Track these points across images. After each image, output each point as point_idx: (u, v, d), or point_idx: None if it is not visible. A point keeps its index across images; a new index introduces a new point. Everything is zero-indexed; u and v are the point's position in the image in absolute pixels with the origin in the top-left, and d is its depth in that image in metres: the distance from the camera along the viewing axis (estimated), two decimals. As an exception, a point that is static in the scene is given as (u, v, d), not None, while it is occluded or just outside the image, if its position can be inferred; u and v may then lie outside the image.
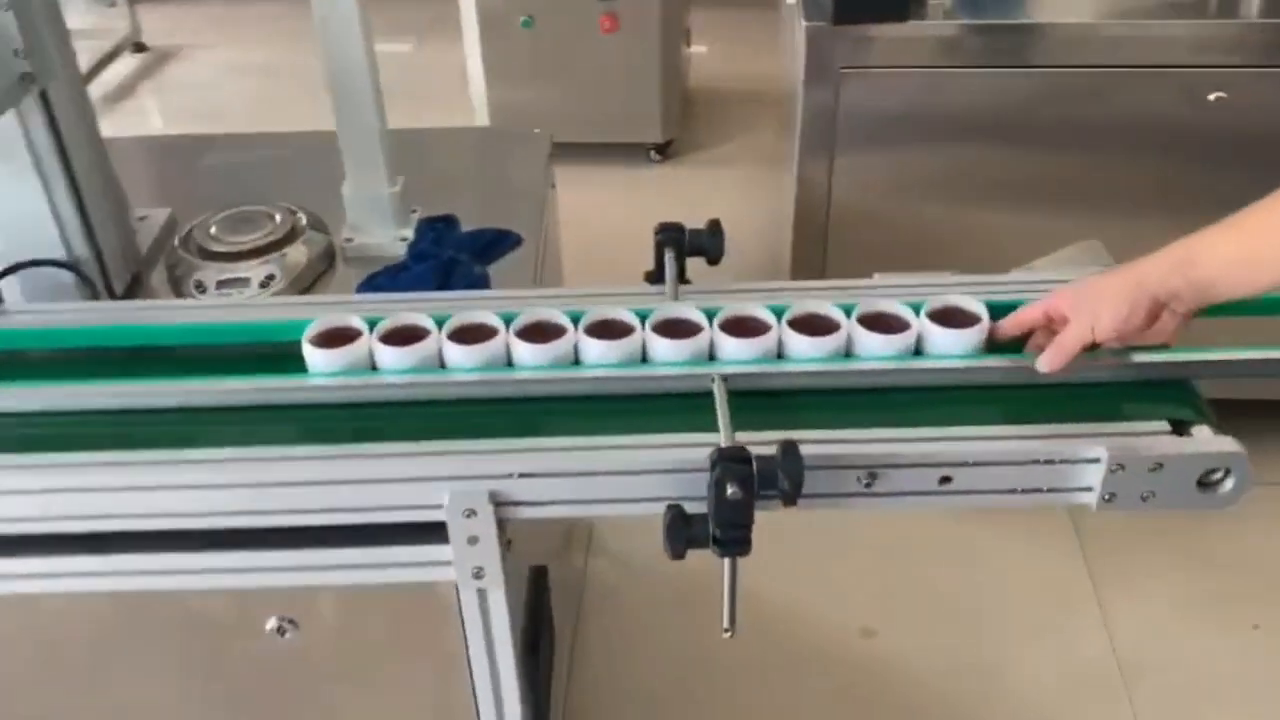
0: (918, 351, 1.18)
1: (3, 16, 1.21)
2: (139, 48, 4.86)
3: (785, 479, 1.01)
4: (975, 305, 1.18)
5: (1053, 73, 2.05)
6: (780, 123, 3.38)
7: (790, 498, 1.02)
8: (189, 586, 1.16)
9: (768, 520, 1.03)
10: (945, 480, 1.09)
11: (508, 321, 1.19)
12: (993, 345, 1.17)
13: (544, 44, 3.44)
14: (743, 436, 1.06)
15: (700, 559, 1.07)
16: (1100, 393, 1.14)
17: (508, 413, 1.15)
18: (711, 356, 1.19)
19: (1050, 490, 1.10)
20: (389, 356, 1.17)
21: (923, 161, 2.14)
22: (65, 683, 1.26)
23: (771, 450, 1.02)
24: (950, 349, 1.16)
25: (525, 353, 1.17)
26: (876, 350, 1.16)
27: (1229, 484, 1.08)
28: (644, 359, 1.18)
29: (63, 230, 1.38)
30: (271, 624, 1.20)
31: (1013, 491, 1.10)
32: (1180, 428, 1.10)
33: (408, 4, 4.64)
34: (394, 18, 4.59)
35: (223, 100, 4.43)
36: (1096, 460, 1.07)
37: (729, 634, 1.15)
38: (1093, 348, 1.11)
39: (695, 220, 1.33)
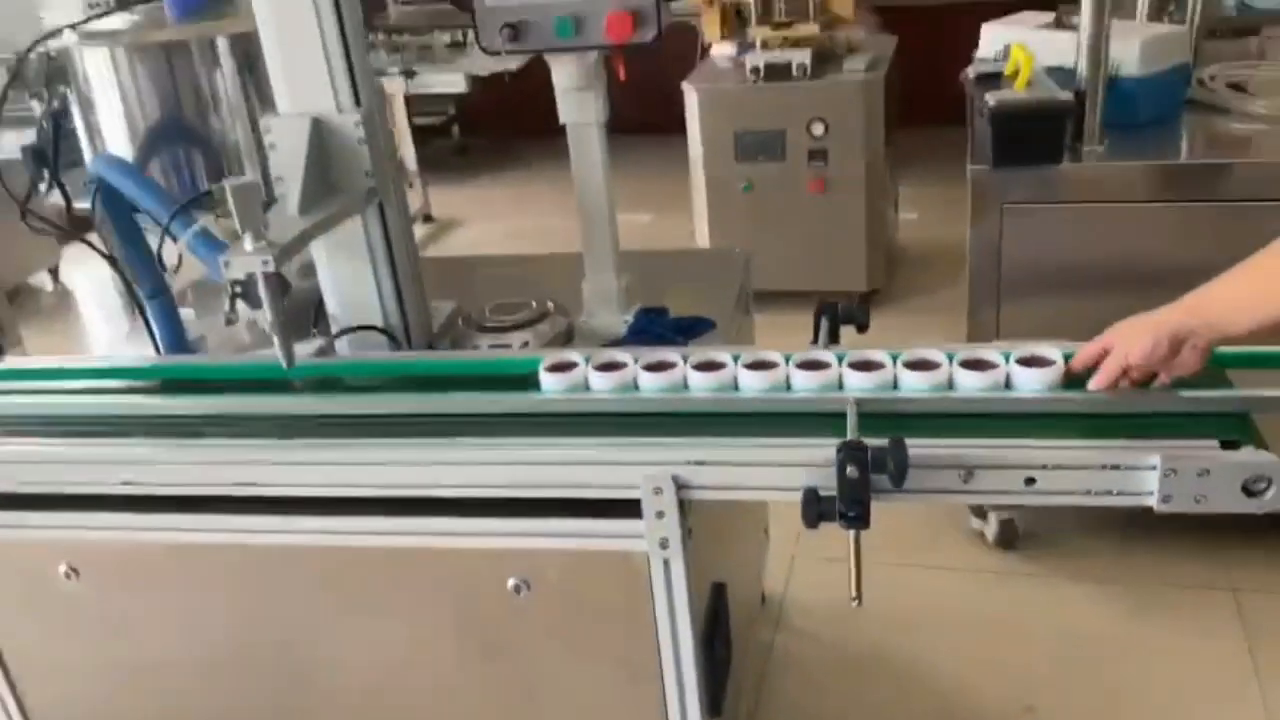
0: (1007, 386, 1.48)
1: (359, 149, 1.76)
2: (427, 219, 5.73)
3: (892, 462, 1.33)
4: (1054, 352, 1.48)
5: (1199, 206, 2.31)
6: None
7: (897, 479, 1.34)
8: (455, 546, 1.58)
9: (947, 602, 1.29)
10: (1030, 481, 1.38)
11: (686, 359, 1.59)
12: (1069, 382, 1.46)
13: (761, 205, 3.93)
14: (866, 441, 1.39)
15: (881, 646, 1.36)
16: (1160, 420, 1.41)
17: (687, 423, 1.53)
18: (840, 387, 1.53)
19: (1118, 493, 1.37)
20: (597, 380, 1.58)
21: (1083, 298, 2.40)
22: (350, 623, 1.69)
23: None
24: (1030, 384, 1.46)
25: (697, 379, 1.56)
26: (972, 383, 1.47)
27: (1271, 492, 1.32)
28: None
29: (383, 305, 1.89)
30: (512, 583, 1.59)
31: (1087, 493, 1.38)
32: (1230, 445, 1.35)
33: (650, 182, 5.27)
34: (637, 193, 5.24)
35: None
36: (1153, 467, 1.34)
37: (856, 603, 1.46)
38: (1149, 383, 1.39)
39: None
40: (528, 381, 1.63)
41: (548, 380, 1.61)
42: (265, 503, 1.61)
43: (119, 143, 2.07)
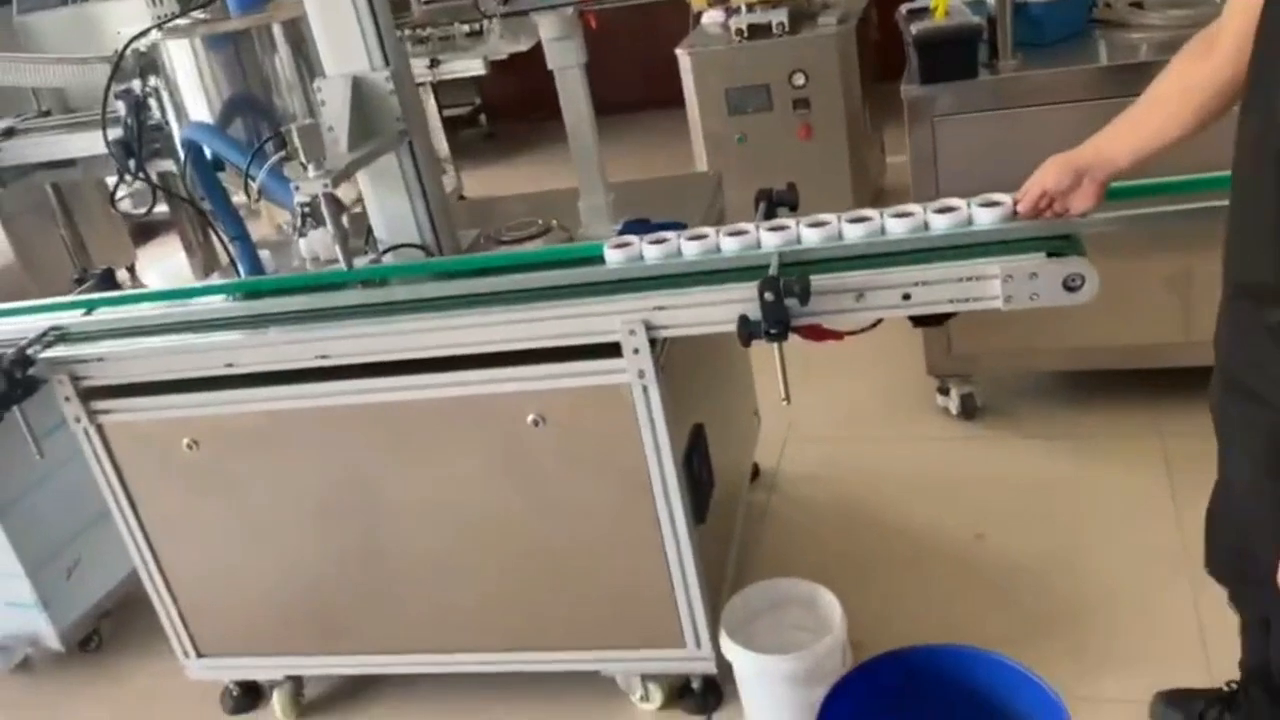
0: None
1: (390, 99, 2.24)
2: (461, 198, 6.23)
3: (797, 286, 1.78)
4: (916, 208, 1.92)
5: (1103, 104, 2.72)
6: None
7: (803, 299, 1.79)
8: (484, 392, 2.06)
9: (917, 465, 1.68)
10: (906, 296, 1.83)
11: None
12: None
13: (755, 154, 4.37)
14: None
15: (856, 504, 1.81)
16: (1002, 244, 1.84)
17: (648, 284, 1.98)
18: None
19: (973, 300, 1.81)
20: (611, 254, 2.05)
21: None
22: (409, 465, 2.18)
23: (795, 277, 1.80)
24: (899, 229, 1.90)
25: (650, 251, 2.01)
26: (855, 233, 1.92)
27: (1086, 287, 1.75)
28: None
29: (418, 226, 2.36)
30: (530, 418, 2.07)
31: (950, 301, 1.82)
32: (1056, 255, 1.79)
33: (656, 151, 5.69)
34: (645, 162, 5.68)
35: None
36: (996, 276, 1.78)
37: (785, 402, 1.91)
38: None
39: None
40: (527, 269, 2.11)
41: (612, 255, 2.06)
42: (338, 371, 2.10)
43: (201, 116, 2.58)
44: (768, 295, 1.79)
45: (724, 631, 2.20)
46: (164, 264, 6.04)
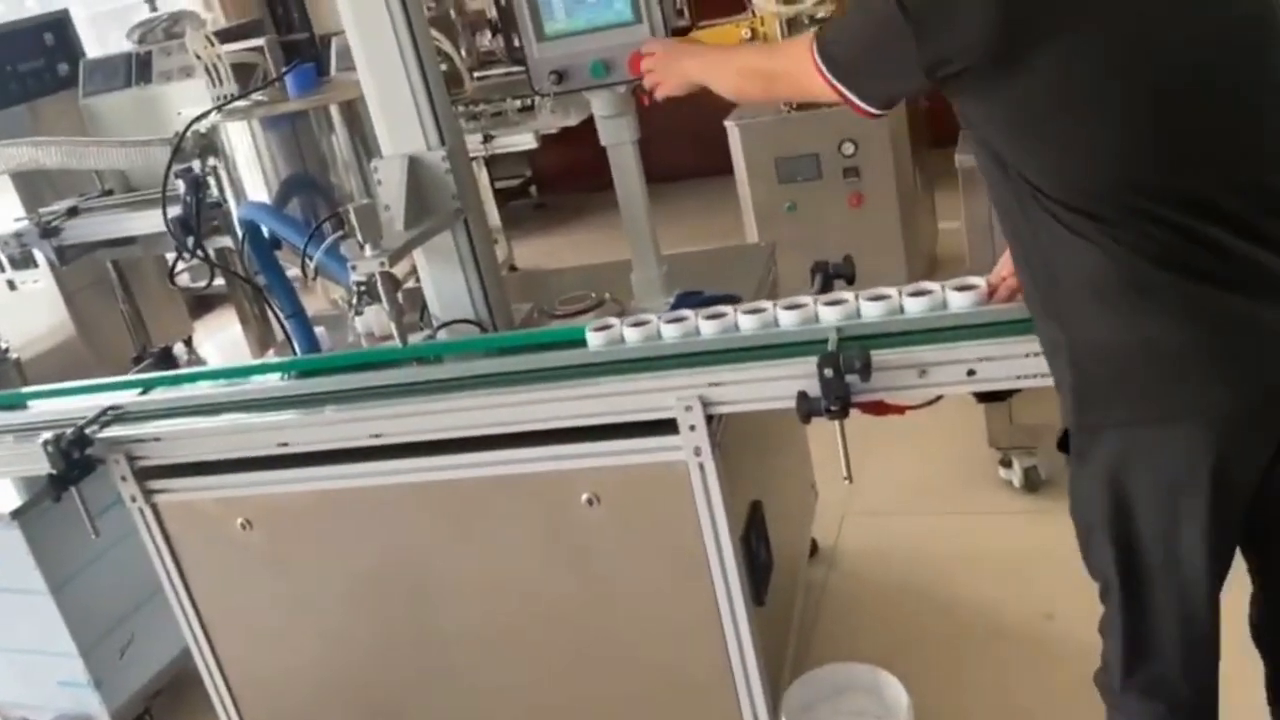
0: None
1: (446, 178, 2.25)
2: (512, 269, 6.28)
3: (859, 362, 1.75)
4: (978, 280, 1.88)
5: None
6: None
7: (864, 374, 1.75)
8: (535, 470, 2.03)
9: (979, 541, 1.64)
10: (971, 373, 1.78)
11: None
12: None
13: (804, 223, 4.34)
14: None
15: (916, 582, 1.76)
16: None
17: (703, 359, 1.95)
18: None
19: (1040, 375, 1.75)
20: (629, 333, 2.02)
21: None
22: (461, 543, 2.15)
23: (856, 354, 1.77)
24: (962, 303, 1.86)
25: (706, 326, 1.99)
26: (917, 307, 1.88)
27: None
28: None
29: (473, 301, 2.36)
30: (584, 497, 2.04)
31: (1017, 378, 1.77)
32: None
33: (705, 220, 5.71)
34: (694, 231, 5.69)
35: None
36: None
37: (848, 480, 1.87)
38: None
39: None
40: (580, 344, 2.08)
41: (593, 339, 2.05)
42: (391, 450, 2.09)
43: (259, 195, 2.61)
44: (827, 371, 1.76)
45: None
46: (220, 336, 6.13)
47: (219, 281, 3.08)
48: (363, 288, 2.11)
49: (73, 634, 2.67)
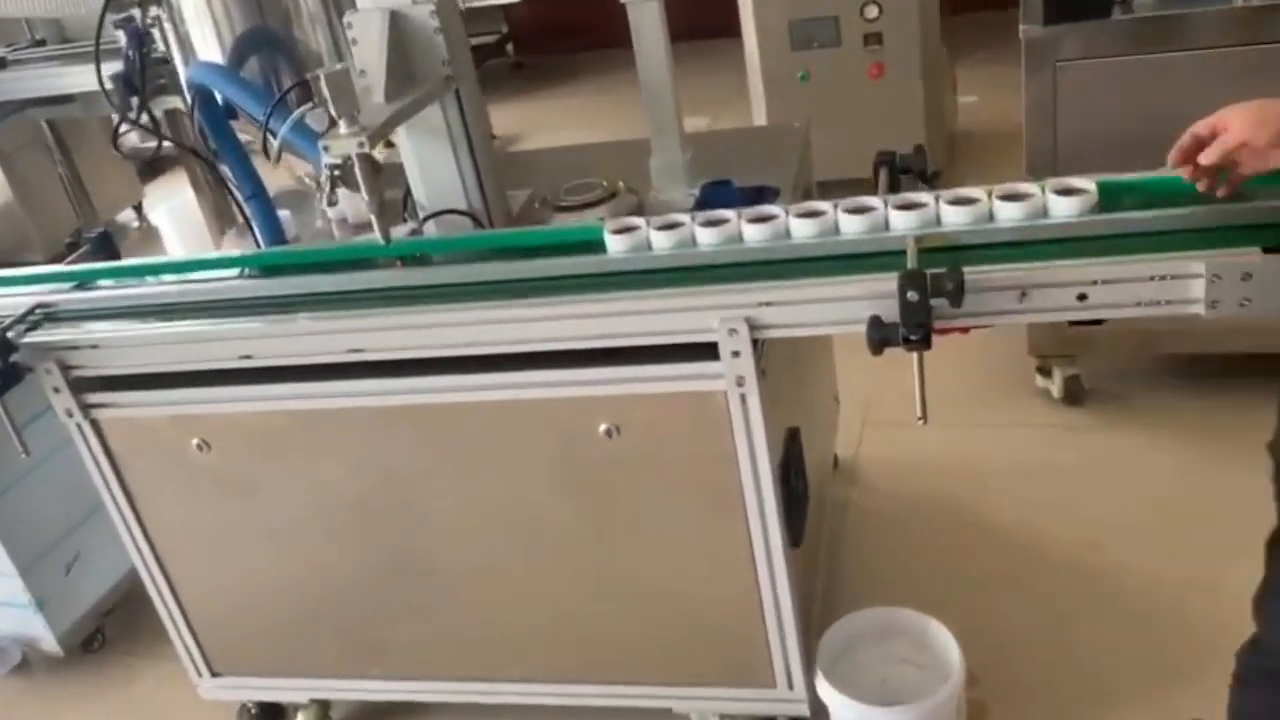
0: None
1: (435, 38, 1.88)
2: (491, 138, 5.84)
3: (950, 284, 1.43)
4: (1086, 182, 1.56)
5: (1256, 50, 2.33)
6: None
7: (956, 300, 1.44)
8: (548, 396, 1.72)
9: (1016, 455, 1.36)
10: (1082, 297, 1.48)
11: (739, 214, 1.69)
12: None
13: (819, 95, 3.97)
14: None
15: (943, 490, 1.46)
16: (1202, 233, 1.48)
17: (747, 271, 1.63)
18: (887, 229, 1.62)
19: (1166, 303, 1.46)
20: (658, 238, 1.69)
21: (1140, 154, 2.44)
22: (457, 475, 1.85)
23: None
24: (1067, 210, 1.54)
25: (751, 231, 1.66)
26: (1012, 214, 1.56)
27: (1316, 291, 1.40)
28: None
29: (465, 190, 2.01)
30: (603, 428, 1.74)
31: (1137, 304, 1.47)
32: (1273, 250, 1.43)
33: (705, 88, 5.31)
34: (693, 98, 5.28)
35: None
36: (1199, 275, 1.42)
37: (922, 421, 1.57)
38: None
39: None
40: (596, 246, 1.75)
41: (613, 242, 1.72)
42: (374, 367, 1.77)
43: (210, 54, 2.21)
44: (911, 294, 1.44)
45: (820, 673, 1.89)
46: (174, 202, 5.70)
47: (170, 144, 2.70)
48: (336, 172, 1.76)
49: (9, 551, 2.39)
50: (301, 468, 1.92)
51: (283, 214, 2.26)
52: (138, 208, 5.53)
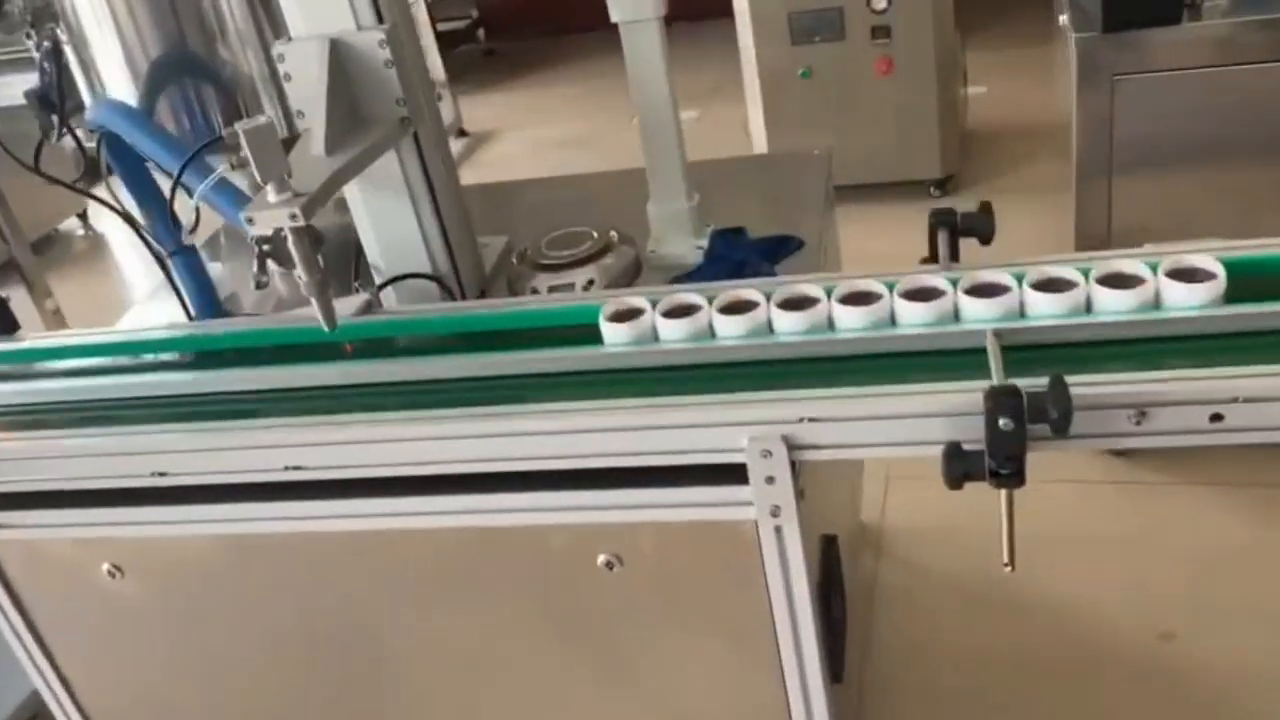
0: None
1: (386, 73, 1.53)
2: (461, 133, 5.47)
3: (1054, 409, 1.11)
4: (1211, 262, 1.23)
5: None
6: (1058, 152, 3.41)
7: (1060, 427, 1.12)
8: (535, 523, 1.39)
9: (1064, 517, 1.13)
10: (1216, 418, 1.15)
11: (768, 297, 1.35)
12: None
13: (822, 92, 3.63)
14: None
15: (978, 562, 1.17)
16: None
17: (779, 372, 1.30)
18: (957, 318, 1.29)
19: (1327, 426, 1.14)
20: (668, 328, 1.36)
21: (1205, 173, 2.14)
22: (420, 612, 1.52)
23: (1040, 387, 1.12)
24: (1188, 301, 1.22)
25: (785, 321, 1.33)
26: (1117, 304, 1.23)
27: None
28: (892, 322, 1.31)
29: (429, 249, 1.68)
30: (602, 559, 1.41)
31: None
32: None
33: (691, 76, 4.96)
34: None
35: (536, 169, 4.91)
36: (1374, 393, 1.10)
37: (1009, 568, 1.25)
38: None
39: (973, 247, 1.42)
40: (592, 329, 1.41)
41: (612, 332, 1.39)
42: (319, 487, 1.43)
43: (119, 83, 1.86)
44: (1003, 421, 1.12)
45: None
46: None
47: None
48: (266, 246, 1.41)
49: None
50: (232, 599, 1.58)
51: (214, 267, 1.92)
52: (82, 215, 5.15)
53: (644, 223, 1.85)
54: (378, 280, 1.70)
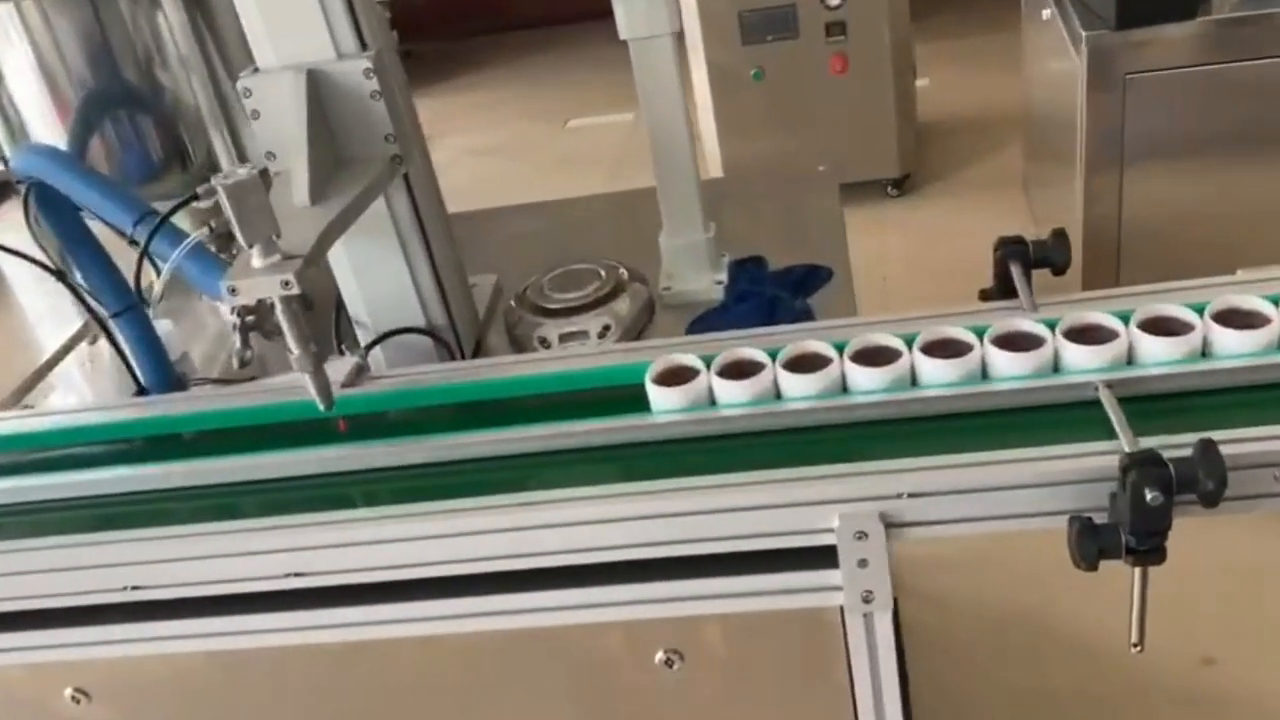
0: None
1: (374, 106, 1.33)
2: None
3: (1208, 479, 0.97)
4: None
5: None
6: (1021, 144, 3.31)
7: (1213, 499, 0.98)
8: (578, 621, 1.21)
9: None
10: (1366, 471, 1.03)
11: (840, 349, 1.20)
12: None
13: (775, 93, 3.49)
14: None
15: (1001, 593, 1.04)
16: None
17: (860, 438, 1.15)
18: (1057, 369, 1.16)
19: None
20: (728, 390, 1.19)
21: (1231, 151, 2.04)
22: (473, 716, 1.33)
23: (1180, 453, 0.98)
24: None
25: (860, 377, 1.17)
26: (1236, 345, 1.11)
27: None
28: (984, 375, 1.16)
29: (422, 300, 1.48)
30: (660, 656, 1.23)
31: None
32: None
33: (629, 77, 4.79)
34: (615, 91, 4.76)
35: (460, 180, 4.68)
36: None
37: (1138, 649, 1.12)
38: None
39: (940, 251, 1.30)
40: (634, 393, 1.23)
41: (661, 397, 1.21)
42: (320, 592, 1.23)
43: (43, 118, 1.62)
44: (1151, 495, 0.97)
45: None
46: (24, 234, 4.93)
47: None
48: (250, 317, 1.21)
49: None
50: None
51: (162, 326, 1.69)
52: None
53: (642, 252, 1.68)
54: (363, 338, 1.50)
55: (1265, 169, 2.05)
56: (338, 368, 1.42)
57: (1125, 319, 1.16)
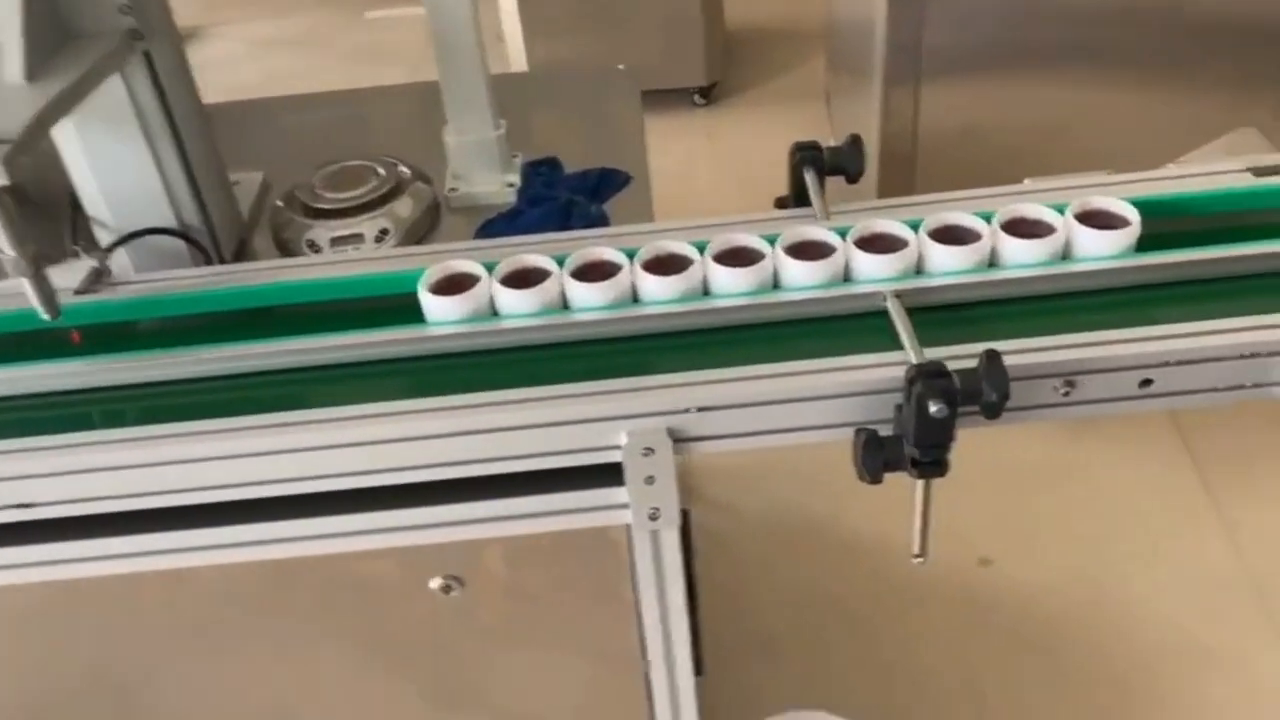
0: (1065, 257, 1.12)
1: (104, -30, 1.16)
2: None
3: (992, 391, 0.95)
4: (1123, 206, 1.12)
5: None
6: (824, 57, 3.31)
7: (995, 410, 0.98)
8: (346, 549, 1.12)
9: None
10: (1146, 383, 1.04)
11: (631, 256, 1.14)
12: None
13: (579, -5, 3.36)
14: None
15: (793, 502, 1.03)
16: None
17: (646, 350, 1.09)
18: (847, 277, 1.13)
19: (1254, 385, 1.05)
20: (510, 300, 1.12)
21: (1027, 67, 2.06)
22: (228, 653, 1.23)
23: (966, 364, 0.97)
24: (1100, 252, 1.10)
25: (651, 286, 1.12)
26: (1024, 255, 1.10)
27: None
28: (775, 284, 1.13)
29: (172, 197, 1.32)
30: (436, 583, 1.16)
31: (1214, 390, 1.05)
32: None
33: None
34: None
35: (251, 76, 4.35)
36: (1311, 349, 1.02)
37: (920, 560, 1.12)
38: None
39: (745, 160, 1.27)
40: (407, 302, 1.14)
41: (438, 306, 1.12)
42: (56, 525, 1.09)
43: None
44: (935, 407, 0.95)
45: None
46: None
47: None
48: (-49, 213, 1.04)
49: None
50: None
51: None
52: None
53: (428, 151, 1.56)
54: (104, 240, 1.33)
55: (1058, 82, 2.09)
56: (72, 271, 1.26)
57: (916, 228, 1.14)
